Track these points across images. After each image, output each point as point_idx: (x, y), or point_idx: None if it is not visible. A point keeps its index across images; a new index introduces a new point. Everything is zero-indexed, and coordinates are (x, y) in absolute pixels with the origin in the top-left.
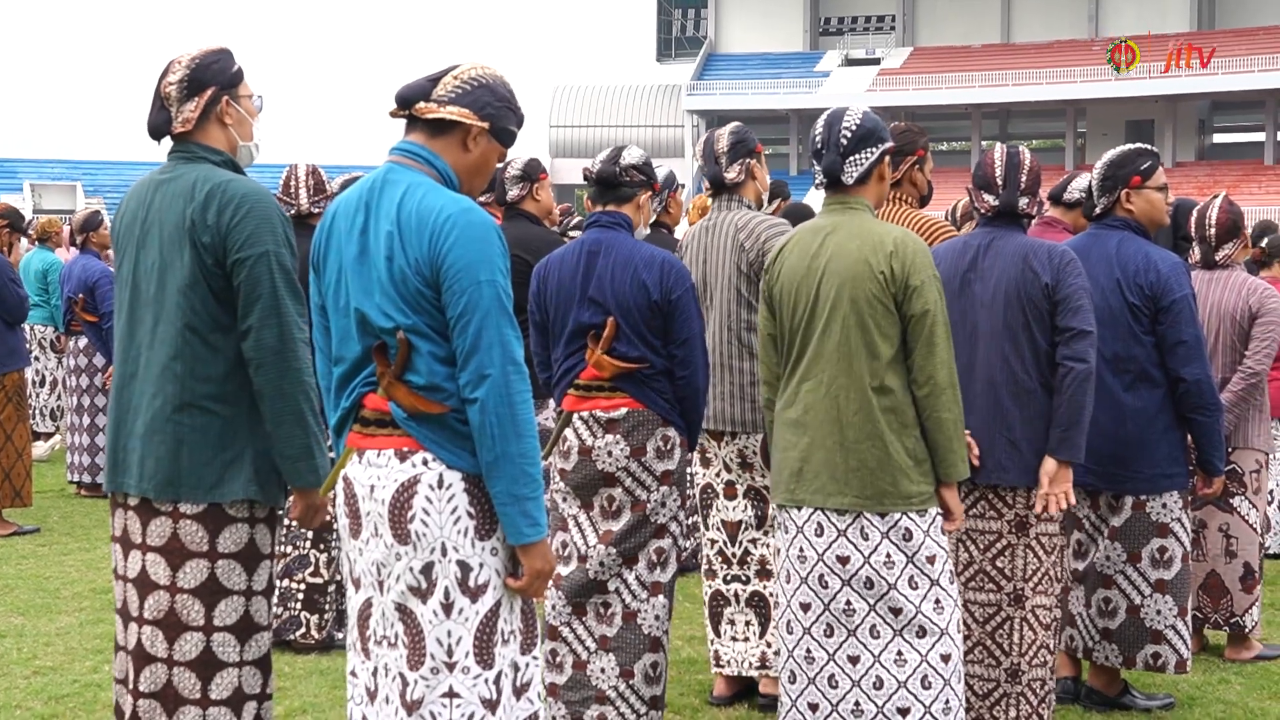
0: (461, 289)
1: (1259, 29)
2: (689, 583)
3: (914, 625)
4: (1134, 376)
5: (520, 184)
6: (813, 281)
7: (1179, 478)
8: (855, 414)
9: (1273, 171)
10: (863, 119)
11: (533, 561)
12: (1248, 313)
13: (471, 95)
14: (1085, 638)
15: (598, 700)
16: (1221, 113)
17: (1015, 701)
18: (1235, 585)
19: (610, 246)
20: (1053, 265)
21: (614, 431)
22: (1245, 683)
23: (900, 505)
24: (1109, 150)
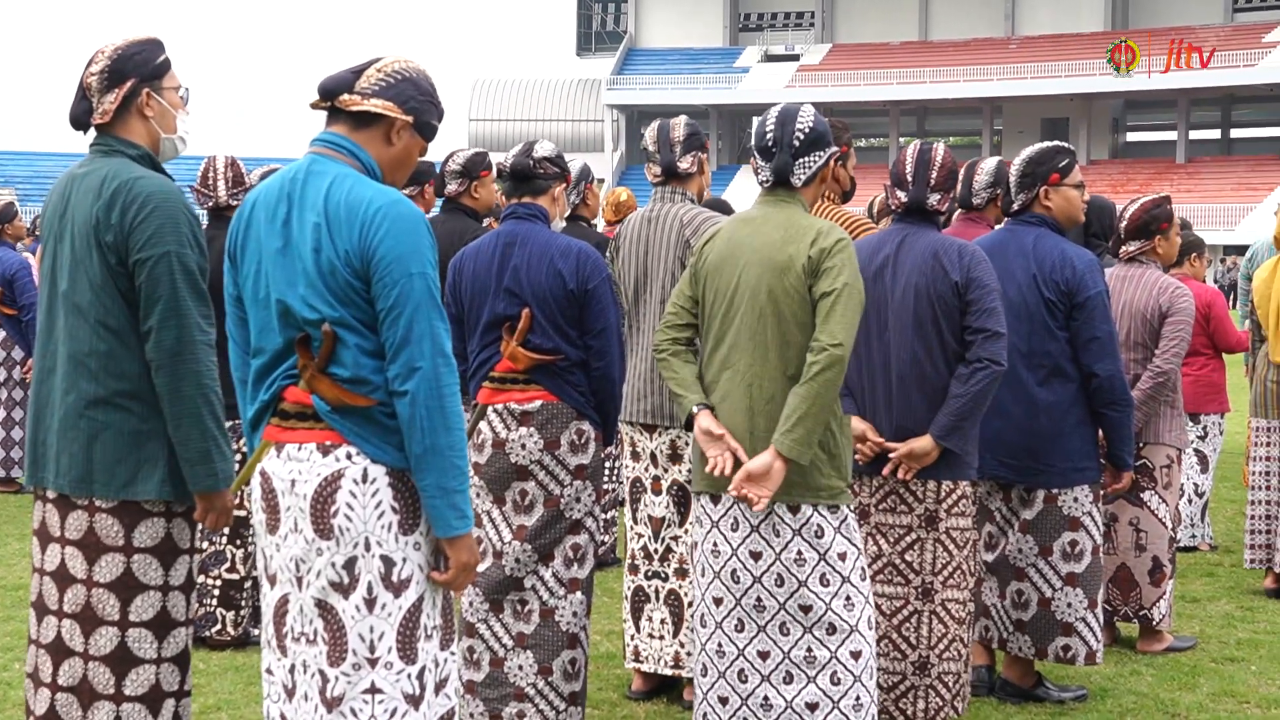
0: (393, 281)
1: (1171, 29)
2: (608, 577)
3: (823, 623)
4: (1048, 371)
5: (459, 179)
6: (735, 270)
7: (1090, 471)
8: (768, 403)
9: (1184, 170)
10: (815, 121)
11: (459, 554)
12: (1158, 311)
13: (395, 88)
14: (1000, 628)
15: (516, 698)
16: (1134, 111)
17: (924, 694)
18: (1144, 579)
19: (526, 238)
20: (963, 264)
21: (528, 424)
22: (1156, 674)
23: (810, 498)
24: (1025, 147)
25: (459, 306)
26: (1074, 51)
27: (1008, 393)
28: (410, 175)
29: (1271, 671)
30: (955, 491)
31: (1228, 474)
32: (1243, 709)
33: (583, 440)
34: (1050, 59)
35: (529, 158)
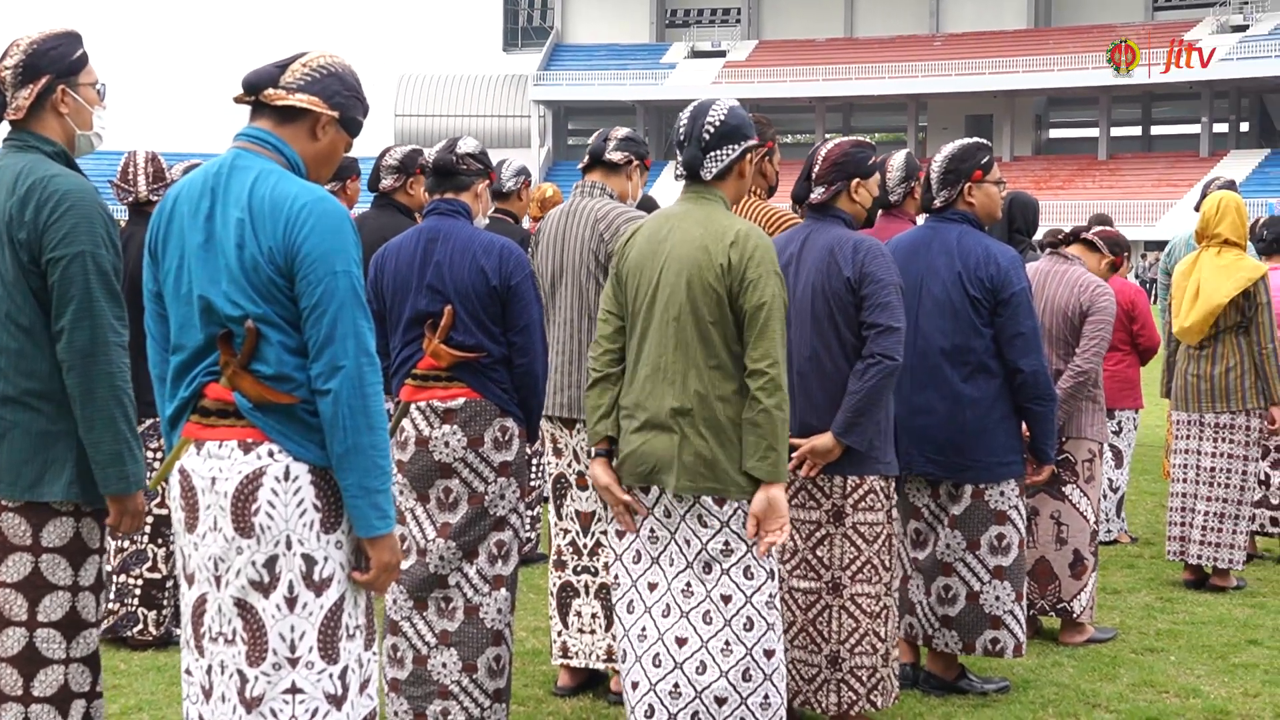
0: (317, 279)
1: (1093, 27)
2: (533, 573)
3: (742, 616)
4: (973, 368)
5: (395, 175)
6: (655, 267)
7: (1016, 465)
8: (692, 400)
9: (1105, 166)
10: (728, 115)
11: (381, 554)
12: (1079, 309)
13: (321, 83)
14: (924, 625)
15: (440, 695)
16: (1057, 108)
17: (836, 688)
18: (1064, 572)
19: (449, 234)
20: (856, 259)
21: (451, 422)
22: (1078, 665)
23: (735, 493)
24: (946, 144)
25: (381, 303)
26: (997, 49)
27: (933, 390)
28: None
29: (1190, 661)
30: (862, 486)
31: (1149, 467)
32: (1162, 699)
33: (506, 437)
34: (974, 56)
35: (452, 153)
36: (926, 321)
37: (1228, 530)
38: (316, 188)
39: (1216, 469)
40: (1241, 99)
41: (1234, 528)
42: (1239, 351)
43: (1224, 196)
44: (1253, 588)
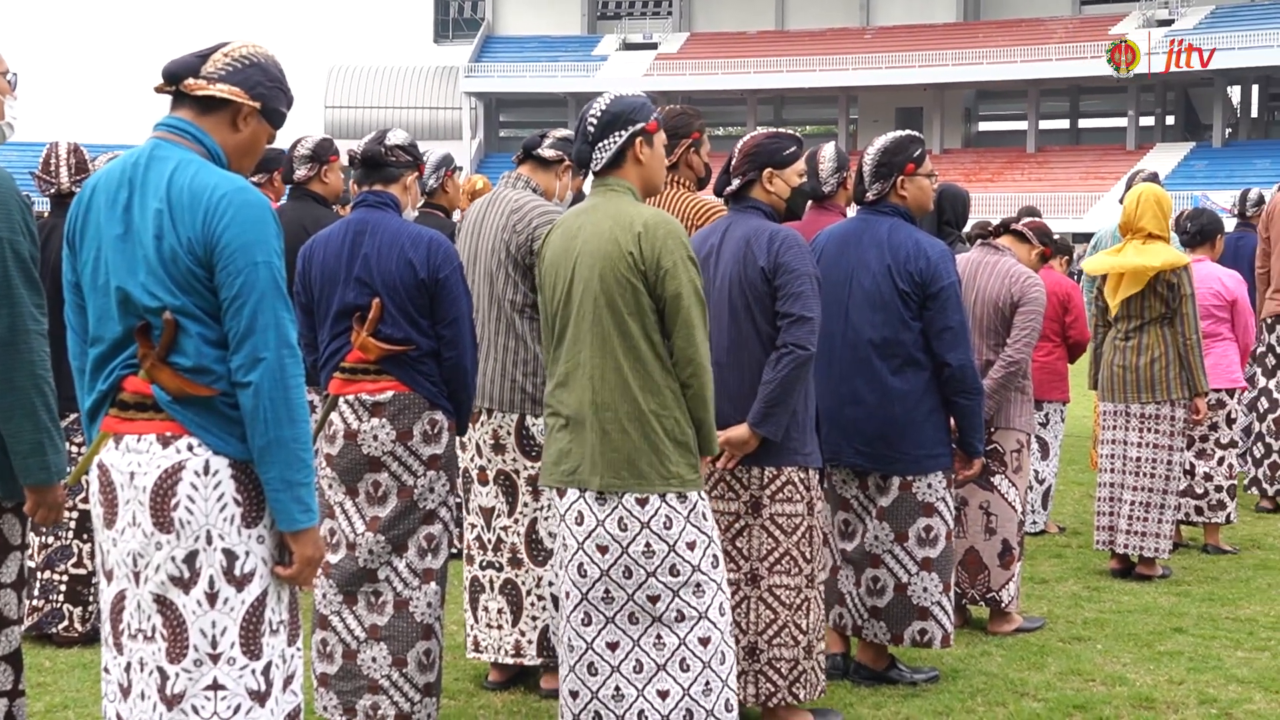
0: (237, 270)
1: (1021, 20)
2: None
3: (672, 610)
4: (902, 360)
5: (309, 164)
6: (570, 263)
7: (944, 458)
8: (611, 395)
9: (1034, 159)
10: (610, 104)
11: (303, 548)
12: (1010, 300)
13: (243, 73)
14: (854, 616)
15: (370, 690)
16: (986, 101)
17: (754, 679)
18: (993, 562)
19: (377, 226)
20: (771, 249)
21: (380, 415)
22: (1006, 654)
23: (660, 486)
24: (879, 136)
25: (309, 295)
26: (928, 42)
27: (862, 382)
28: (260, 162)
29: (1116, 650)
30: (779, 478)
31: (1077, 458)
32: (1088, 687)
33: (435, 430)
34: (904, 49)
35: (381, 145)
36: (856, 314)
37: (1153, 520)
38: (237, 178)
39: (1142, 459)
40: (1167, 93)
41: (1160, 517)
42: (1164, 342)
43: (1144, 190)
44: (1178, 576)
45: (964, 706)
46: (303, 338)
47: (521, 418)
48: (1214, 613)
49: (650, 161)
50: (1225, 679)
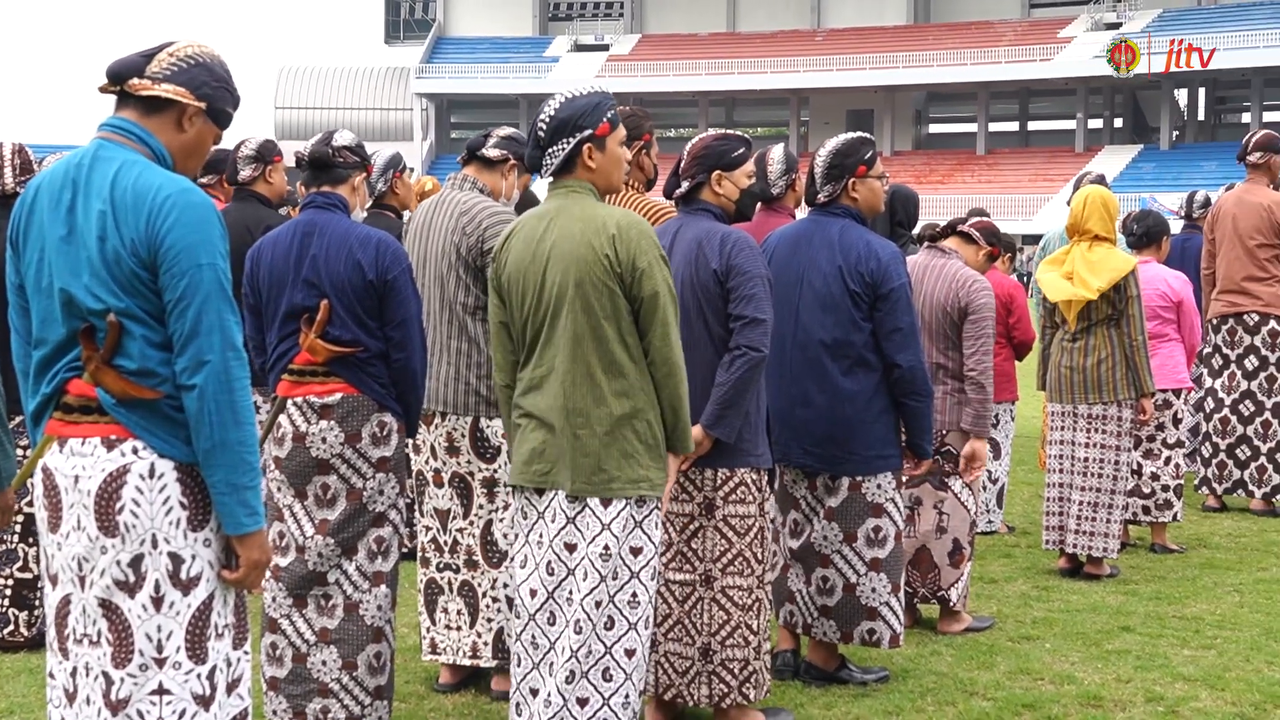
0: (181, 272)
1: (971, 23)
2: (413, 569)
3: (605, 615)
4: (852, 361)
5: (253, 164)
6: (539, 268)
7: (893, 459)
8: (584, 399)
9: (984, 161)
10: (558, 109)
11: (250, 552)
12: (958, 305)
13: (188, 73)
14: (804, 614)
15: (320, 693)
16: (936, 104)
17: (708, 680)
18: (944, 561)
19: (325, 227)
20: (724, 251)
21: (328, 417)
22: (955, 654)
23: (628, 490)
24: (831, 138)
25: (257, 297)
26: (878, 45)
27: (813, 383)
28: (209, 164)
29: (1065, 649)
30: (733, 479)
31: (1025, 458)
32: (1037, 686)
33: (384, 432)
34: (855, 51)
35: (328, 146)
36: (807, 315)
37: (1102, 519)
38: (181, 179)
39: (1090, 459)
40: (1115, 95)
41: (1108, 517)
42: (1110, 344)
43: (1091, 192)
44: (1125, 575)
45: (914, 706)
46: (251, 339)
47: (476, 420)
48: (1161, 611)
49: (603, 166)
50: (1172, 677)
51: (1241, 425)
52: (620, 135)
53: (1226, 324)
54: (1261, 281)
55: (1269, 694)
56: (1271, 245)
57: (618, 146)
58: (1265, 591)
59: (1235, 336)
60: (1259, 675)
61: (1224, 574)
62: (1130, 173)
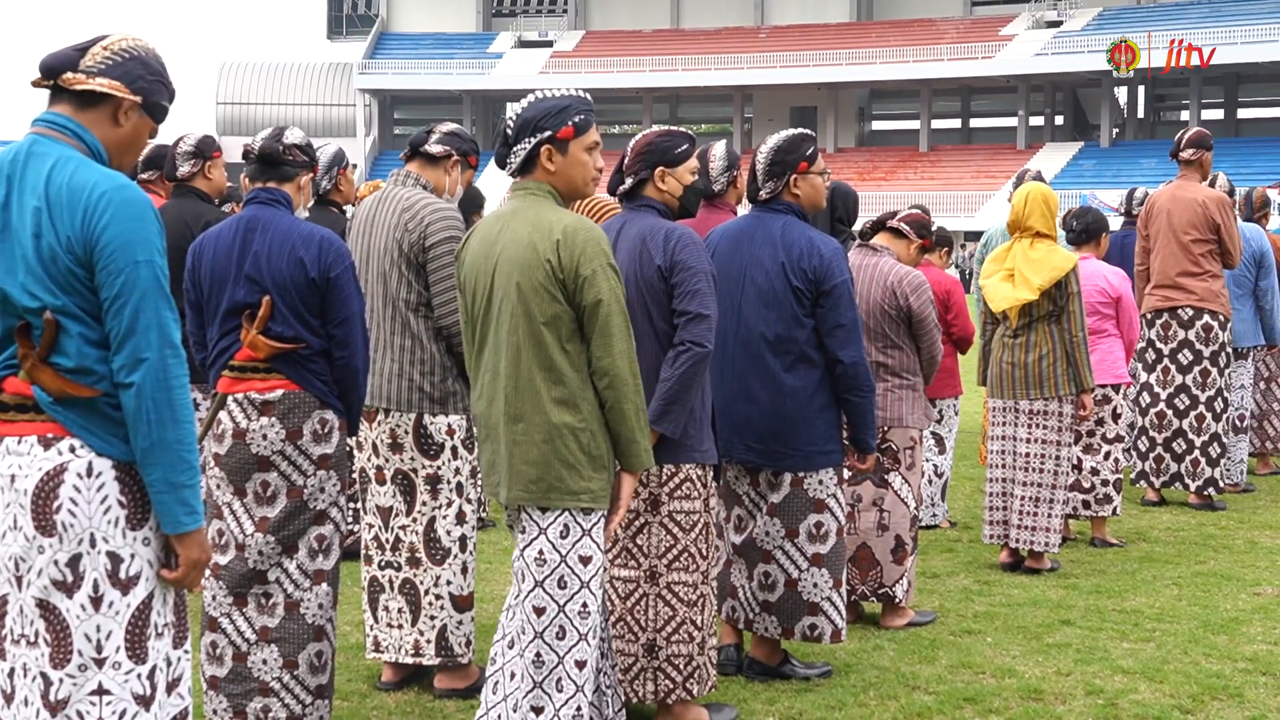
0: (117, 269)
1: (914, 21)
2: (354, 567)
3: (555, 626)
4: (794, 358)
5: (192, 160)
6: (489, 269)
7: (835, 454)
8: (524, 405)
9: (926, 158)
10: (526, 107)
11: (189, 551)
12: (895, 302)
13: (123, 67)
14: (746, 610)
15: (260, 692)
16: (879, 101)
17: (653, 676)
18: (886, 557)
19: (268, 223)
20: (668, 248)
21: (269, 414)
22: (898, 649)
23: (567, 501)
24: (771, 135)
25: (198, 293)
26: (821, 42)
27: (755, 379)
28: (149, 160)
29: (1006, 642)
30: (678, 475)
31: (967, 453)
32: (979, 679)
33: (326, 430)
34: (799, 49)
35: (279, 143)
36: (749, 311)
37: (1043, 514)
38: (117, 175)
39: (1031, 454)
40: (1056, 93)
41: (1049, 511)
42: (1051, 340)
43: (1031, 189)
44: (1066, 569)
45: (857, 700)
46: (191, 336)
47: (419, 417)
48: (1101, 605)
49: (563, 169)
50: (1111, 670)
51: (1177, 419)
52: (586, 141)
53: (1161, 319)
54: (1195, 277)
55: (1206, 686)
56: (1206, 241)
57: (583, 152)
58: (1203, 585)
59: (1169, 331)
60: (1196, 667)
61: (1163, 568)
62: (1071, 170)
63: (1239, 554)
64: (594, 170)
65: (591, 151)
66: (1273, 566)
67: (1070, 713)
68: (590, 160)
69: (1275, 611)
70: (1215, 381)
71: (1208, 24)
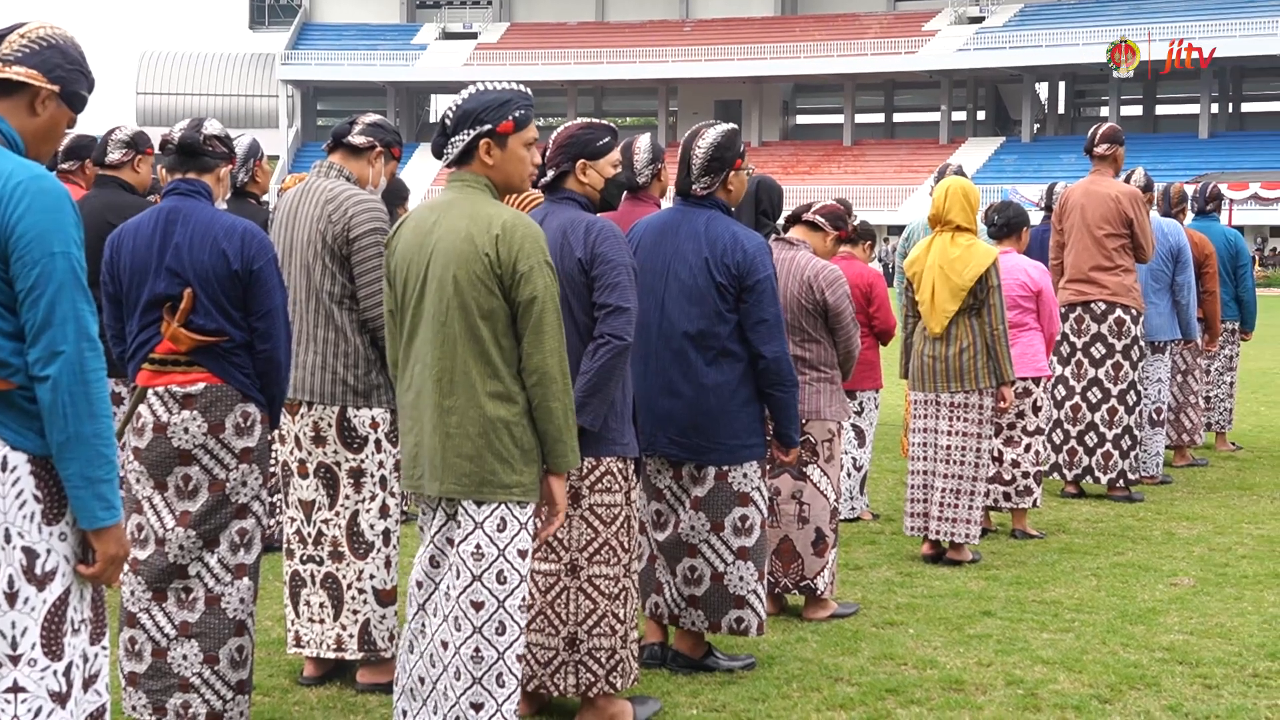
0: (33, 260)
1: (838, 15)
2: (276, 562)
3: (495, 621)
4: (717, 352)
5: (124, 149)
6: (423, 260)
7: (758, 448)
8: (458, 399)
9: (850, 152)
10: (466, 99)
11: (106, 546)
12: (813, 298)
13: (40, 55)
14: (670, 605)
15: (180, 688)
16: (804, 95)
17: (574, 670)
18: (807, 550)
19: (189, 215)
20: (589, 240)
21: (191, 407)
22: (820, 640)
23: (500, 495)
24: (704, 129)
25: (117, 285)
26: (746, 35)
27: (678, 373)
28: (70, 150)
29: (928, 634)
30: (599, 468)
31: (889, 445)
32: (901, 670)
33: (248, 423)
34: (723, 42)
35: (199, 133)
36: (672, 305)
37: (964, 506)
38: (33, 165)
39: (952, 447)
40: (978, 89)
41: (970, 503)
42: (972, 333)
43: (951, 183)
44: (986, 561)
45: (780, 693)
46: (110, 329)
47: (343, 410)
48: (1021, 596)
49: (501, 163)
50: (1031, 660)
51: (1089, 413)
52: (525, 137)
53: (1075, 312)
54: (1109, 271)
55: (1124, 675)
56: (1119, 235)
57: (521, 147)
58: (1121, 575)
59: (1083, 325)
60: (1115, 657)
61: (1082, 559)
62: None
63: (1156, 545)
64: (531, 165)
65: (530, 147)
66: (1189, 557)
67: (990, 703)
68: (528, 155)
69: (1191, 602)
70: (1128, 375)
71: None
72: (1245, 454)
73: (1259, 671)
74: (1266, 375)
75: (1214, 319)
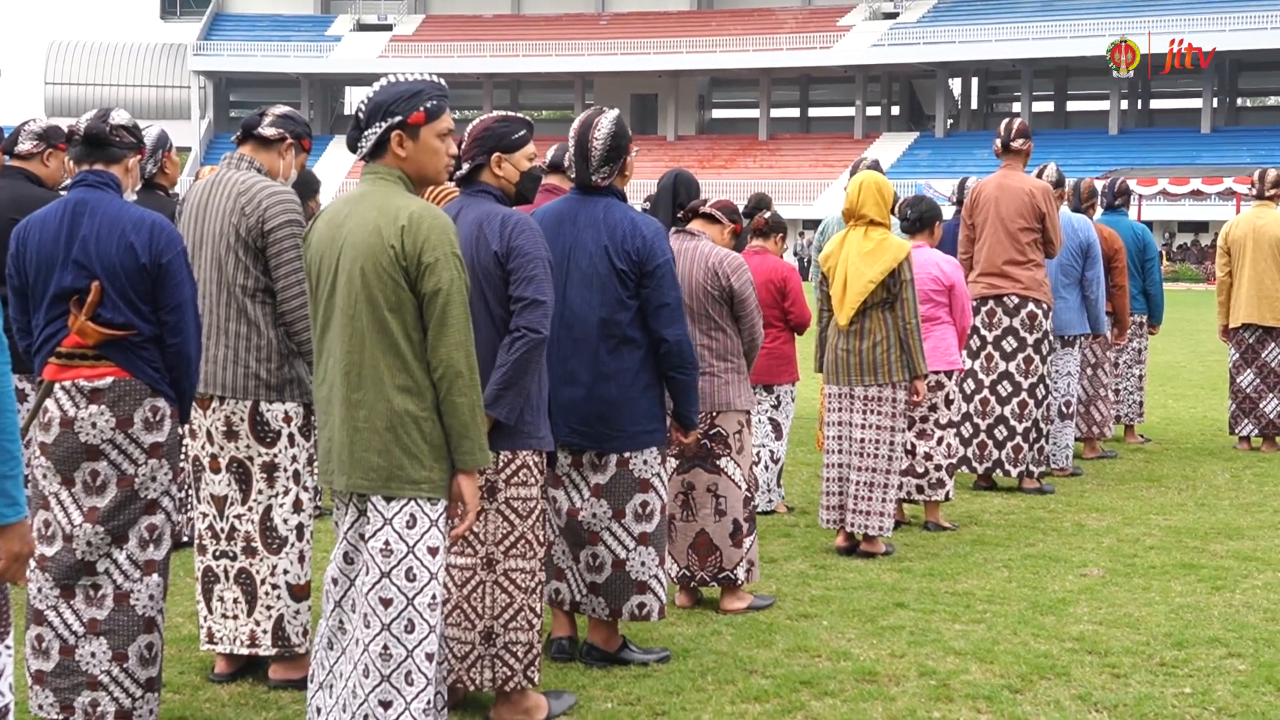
0: None
1: (753, 10)
2: (186, 558)
3: (403, 619)
4: (618, 340)
5: (36, 141)
6: (334, 253)
7: (658, 433)
8: (366, 393)
9: (766, 147)
10: (377, 91)
11: (11, 544)
12: (718, 282)
13: None
14: (572, 591)
15: (89, 686)
16: (720, 89)
17: (491, 664)
18: (725, 541)
19: (96, 207)
20: (504, 233)
21: (99, 402)
22: (736, 633)
23: (409, 490)
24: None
25: (22, 278)
26: (662, 29)
27: (579, 361)
28: None
29: (842, 626)
30: (515, 461)
31: (804, 438)
32: (815, 663)
33: (158, 417)
34: (639, 36)
35: (105, 123)
36: (574, 293)
37: (877, 499)
38: None
39: (866, 440)
40: (893, 84)
41: (884, 496)
42: (885, 327)
43: (866, 178)
44: (900, 553)
45: (695, 685)
46: (15, 322)
47: (255, 404)
48: (934, 587)
49: (414, 155)
50: (944, 651)
51: (999, 406)
52: (439, 128)
53: (986, 305)
54: (1021, 265)
55: (1034, 665)
56: (1032, 229)
57: (435, 139)
58: (1032, 567)
59: (994, 318)
60: (1025, 647)
61: (994, 550)
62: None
63: (1067, 536)
64: (446, 157)
65: (444, 138)
66: (1099, 548)
67: (904, 694)
68: (443, 147)
69: (1101, 592)
70: (1038, 369)
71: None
72: (1153, 446)
73: (1165, 660)
74: (1174, 368)
75: (1123, 313)
